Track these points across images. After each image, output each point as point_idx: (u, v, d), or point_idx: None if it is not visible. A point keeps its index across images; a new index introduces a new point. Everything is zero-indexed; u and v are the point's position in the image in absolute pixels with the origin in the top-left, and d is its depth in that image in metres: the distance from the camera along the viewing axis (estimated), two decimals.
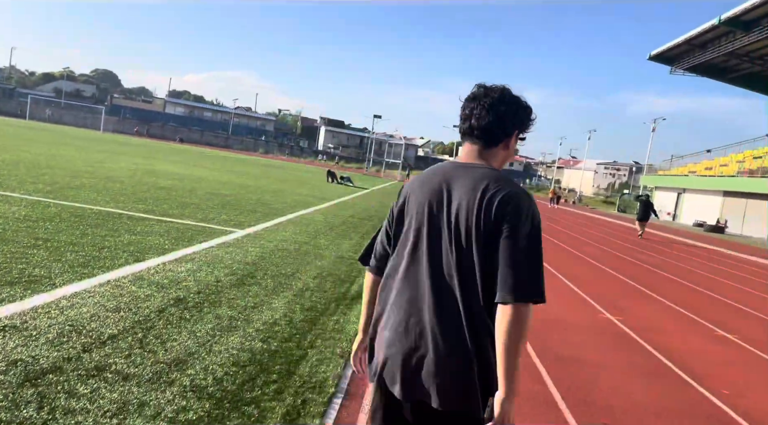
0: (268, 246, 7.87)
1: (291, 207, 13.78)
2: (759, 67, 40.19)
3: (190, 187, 14.87)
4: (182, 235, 7.66)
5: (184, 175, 19.02)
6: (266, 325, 4.43)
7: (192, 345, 3.77)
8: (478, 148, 1.78)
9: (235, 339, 4.01)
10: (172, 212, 9.64)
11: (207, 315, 4.46)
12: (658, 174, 52.66)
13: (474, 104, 1.77)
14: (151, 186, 13.41)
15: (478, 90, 1.80)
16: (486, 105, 1.75)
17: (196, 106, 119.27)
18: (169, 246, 6.79)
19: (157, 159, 27.08)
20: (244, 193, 15.72)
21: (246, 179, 21.95)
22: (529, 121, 1.82)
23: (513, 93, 1.80)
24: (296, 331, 4.40)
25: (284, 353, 3.90)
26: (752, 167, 37.62)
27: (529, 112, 1.82)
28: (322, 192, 21.34)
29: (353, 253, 8.47)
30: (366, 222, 12.92)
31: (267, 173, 30.10)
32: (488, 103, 1.75)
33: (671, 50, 42.11)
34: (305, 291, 5.70)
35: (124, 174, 15.58)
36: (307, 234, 9.61)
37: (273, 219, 10.96)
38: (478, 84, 1.82)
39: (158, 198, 11.31)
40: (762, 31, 32.13)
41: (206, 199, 12.45)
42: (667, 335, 6.37)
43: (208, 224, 9.00)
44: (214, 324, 4.27)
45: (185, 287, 5.13)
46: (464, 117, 1.80)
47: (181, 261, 6.12)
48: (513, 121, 1.79)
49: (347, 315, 5.07)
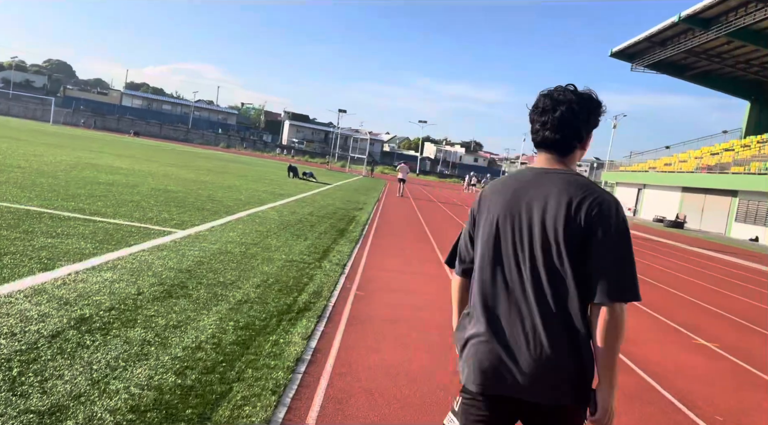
0: (210, 250, 7.05)
1: (244, 204, 12.90)
2: (717, 65, 41.03)
3: (134, 182, 13.79)
4: (110, 237, 6.77)
5: (131, 169, 17.83)
6: (187, 351, 3.66)
7: (82, 384, 2.98)
8: (556, 156, 1.80)
9: (142, 373, 3.23)
10: (105, 211, 8.68)
11: (114, 339, 3.66)
12: (619, 170, 53.44)
13: (546, 118, 1.77)
14: (88, 181, 12.31)
15: (545, 101, 1.78)
16: (558, 118, 1.75)
17: (155, 98, 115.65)
18: (90, 251, 5.91)
19: (104, 153, 25.61)
20: (195, 188, 14.72)
21: (200, 174, 20.85)
22: (600, 117, 1.83)
23: (582, 96, 1.78)
24: (223, 358, 3.64)
25: (202, 389, 3.14)
26: (710, 163, 38.37)
27: (600, 109, 1.81)
28: (281, 188, 20.44)
29: (306, 256, 7.73)
30: (325, 221, 12.17)
31: (225, 168, 28.92)
32: (560, 116, 1.75)
33: (632, 47, 42.62)
34: (243, 304, 4.94)
35: (61, 168, 14.37)
36: (257, 235, 8.80)
37: (221, 217, 10.09)
38: (544, 93, 1.80)
39: (93, 194, 10.29)
40: (720, 29, 32.63)
41: (149, 196, 11.46)
42: (643, 346, 5.86)
43: (145, 224, 8.10)
44: (120, 351, 3.48)
45: (95, 302, 4.30)
46: (536, 130, 1.81)
47: (100, 270, 5.27)
48: (586, 128, 1.80)
49: (289, 334, 4.33)
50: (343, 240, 9.82)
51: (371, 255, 8.89)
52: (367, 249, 9.44)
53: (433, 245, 11.27)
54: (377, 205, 19.40)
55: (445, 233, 13.85)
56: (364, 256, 8.64)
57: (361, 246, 9.61)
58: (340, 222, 12.46)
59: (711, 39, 34.74)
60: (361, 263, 8.04)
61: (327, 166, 66.64)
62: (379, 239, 10.90)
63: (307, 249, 8.28)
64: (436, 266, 8.81)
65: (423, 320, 5.51)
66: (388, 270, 7.86)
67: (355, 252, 8.89)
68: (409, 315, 5.64)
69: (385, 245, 10.24)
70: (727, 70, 41.84)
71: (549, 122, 1.76)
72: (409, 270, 8.20)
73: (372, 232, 11.75)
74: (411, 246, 10.69)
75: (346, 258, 8.08)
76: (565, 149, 1.78)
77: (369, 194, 25.20)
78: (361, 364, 4.01)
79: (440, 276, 7.97)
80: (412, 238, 11.96)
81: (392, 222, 14.81)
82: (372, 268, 7.79)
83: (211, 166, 29.21)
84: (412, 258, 9.32)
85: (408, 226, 14.34)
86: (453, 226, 16.13)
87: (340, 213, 14.25)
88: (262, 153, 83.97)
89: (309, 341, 4.27)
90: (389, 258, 8.87)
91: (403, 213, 18.24)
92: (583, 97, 1.77)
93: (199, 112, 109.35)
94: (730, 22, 31.97)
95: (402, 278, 7.54)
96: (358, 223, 12.77)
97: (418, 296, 6.57)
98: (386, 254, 9.24)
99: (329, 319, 4.98)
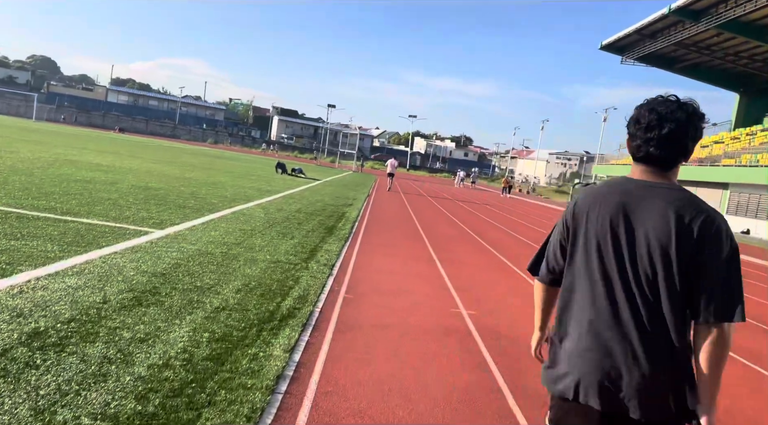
0: (188, 251, 6.61)
1: (229, 201, 12.43)
2: (706, 57, 40.96)
3: (114, 179, 13.26)
4: (81, 239, 6.31)
5: (112, 166, 17.26)
6: (152, 370, 3.24)
7: (23, 415, 2.56)
8: (658, 169, 1.76)
9: (97, 398, 2.82)
10: (79, 210, 8.19)
11: (69, 357, 3.23)
12: (610, 163, 53.37)
13: (652, 135, 1.72)
14: (64, 179, 11.77)
15: (650, 117, 1.73)
16: (665, 136, 1.71)
17: (141, 94, 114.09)
18: (55, 254, 5.46)
19: (87, 149, 24.95)
20: (178, 185, 14.21)
21: (185, 171, 20.30)
22: (703, 130, 1.78)
23: (688, 110, 1.72)
24: (194, 377, 3.23)
25: (166, 418, 2.73)
26: (701, 156, 38.33)
27: (703, 121, 1.77)
28: (269, 184, 19.94)
29: (293, 256, 7.32)
30: (313, 218, 11.74)
31: (211, 164, 28.34)
32: (667, 134, 1.71)
33: (622, 40, 42.42)
34: (221, 312, 4.52)
35: (38, 165, 13.80)
36: (241, 234, 8.36)
37: (204, 215, 9.64)
38: (647, 107, 1.75)
39: (68, 192, 9.78)
40: (710, 21, 32.48)
41: (128, 194, 10.96)
42: None
43: (120, 224, 7.63)
44: (74, 372, 3.06)
45: (53, 313, 3.87)
46: (638, 145, 1.76)
47: (64, 275, 4.82)
48: (693, 143, 1.76)
49: (270, 346, 3.92)
50: (331, 238, 9.40)
51: (361, 253, 8.49)
52: (357, 247, 9.03)
53: (425, 242, 10.89)
54: (367, 201, 18.99)
55: (438, 229, 13.47)
56: (353, 255, 8.24)
57: (350, 244, 9.21)
58: (329, 219, 12.04)
59: (701, 31, 34.58)
60: (350, 263, 7.64)
61: (316, 161, 66.04)
62: (370, 236, 10.50)
63: (293, 248, 7.86)
64: (429, 265, 8.43)
65: (416, 325, 5.12)
66: (378, 271, 7.47)
67: (345, 251, 8.48)
68: (402, 319, 5.25)
69: (375, 243, 9.84)
70: (716, 62, 41.75)
71: (655, 139, 1.71)
72: (401, 269, 7.81)
73: (362, 229, 11.35)
74: (402, 244, 10.30)
75: (334, 258, 7.67)
76: (667, 164, 1.75)
77: (359, 189, 24.77)
78: (350, 379, 3.61)
79: (433, 276, 7.59)
80: (403, 235, 11.56)
81: (383, 218, 14.41)
82: (362, 268, 7.39)
83: (197, 162, 28.61)
84: (404, 256, 8.93)
85: (399, 223, 13.94)
86: (445, 223, 15.75)
87: (329, 210, 13.82)
88: (251, 149, 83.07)
89: (292, 353, 3.86)
90: (380, 257, 8.48)
91: (394, 209, 17.84)
92: (689, 112, 1.72)
93: (186, 108, 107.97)
94: (720, 14, 31.80)
95: (394, 278, 7.14)
96: (348, 220, 12.36)
97: (411, 298, 6.18)
98: (377, 252, 8.85)
99: (315, 327, 4.57)
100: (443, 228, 14.01)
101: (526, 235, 15.33)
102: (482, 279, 7.93)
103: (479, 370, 4.16)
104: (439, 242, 11.10)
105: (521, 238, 14.46)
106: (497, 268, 9.10)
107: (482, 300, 6.59)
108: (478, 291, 7.09)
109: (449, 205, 23.22)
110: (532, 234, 16.01)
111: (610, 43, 43.55)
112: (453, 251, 10.23)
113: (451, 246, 10.80)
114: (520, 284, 7.96)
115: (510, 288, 7.57)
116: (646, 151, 1.74)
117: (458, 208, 22.55)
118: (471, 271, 8.40)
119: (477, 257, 9.98)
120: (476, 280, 7.75)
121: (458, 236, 12.79)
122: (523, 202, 39.56)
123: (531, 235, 15.48)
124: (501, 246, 12.01)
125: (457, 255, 9.87)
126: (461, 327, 5.29)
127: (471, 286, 7.27)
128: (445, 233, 12.91)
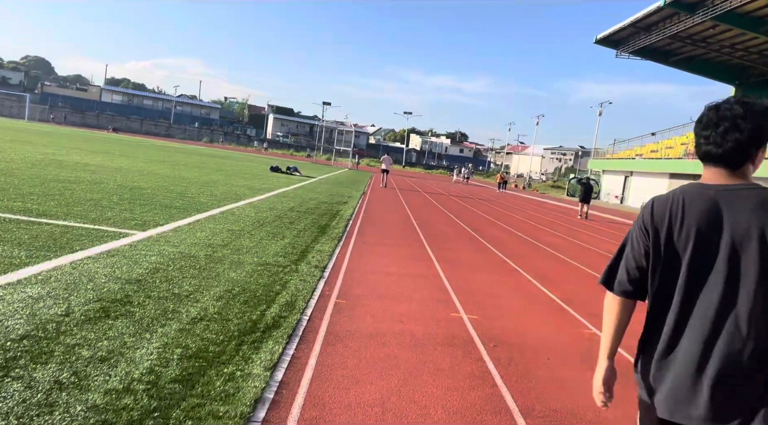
0: (169, 254, 6.18)
1: (219, 200, 11.99)
2: (701, 50, 40.63)
3: (100, 179, 12.80)
4: (53, 243, 5.87)
5: (101, 166, 16.78)
6: (110, 396, 2.82)
7: None
8: (726, 170, 1.71)
9: None
10: (56, 211, 7.75)
11: (13, 383, 2.81)
12: (605, 158, 53.05)
13: (708, 132, 1.71)
14: (46, 179, 11.31)
15: (710, 115, 1.71)
16: (720, 133, 1.67)
17: (136, 93, 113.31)
18: (22, 260, 5.02)
19: (77, 149, 24.44)
20: (167, 185, 13.76)
21: (176, 170, 19.83)
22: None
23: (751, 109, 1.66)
24: (158, 404, 2.81)
25: None
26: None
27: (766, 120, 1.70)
28: (262, 182, 19.49)
29: (282, 257, 6.90)
30: (306, 217, 11.31)
31: (204, 163, 27.86)
32: (722, 132, 1.67)
33: (617, 34, 42.02)
34: (198, 323, 4.09)
35: (20, 165, 13.32)
36: (229, 235, 7.94)
37: (191, 215, 9.20)
38: (710, 106, 1.72)
39: (48, 193, 9.33)
40: (707, 12, 32.12)
41: (112, 194, 10.51)
42: None
43: (99, 225, 7.20)
44: (15, 401, 2.64)
45: (4, 329, 3.44)
46: (699, 144, 1.75)
47: (26, 284, 4.39)
48: (756, 144, 1.68)
49: (250, 363, 3.50)
50: (324, 238, 8.98)
51: (355, 253, 8.07)
52: (351, 247, 8.61)
53: (422, 240, 10.47)
54: (362, 198, 18.56)
55: (435, 227, 13.05)
56: (347, 256, 7.82)
57: (344, 244, 8.79)
58: (323, 217, 11.61)
59: (696, 23, 34.19)
60: (343, 264, 7.22)
61: (311, 159, 65.52)
62: (364, 235, 10.08)
63: (283, 249, 7.44)
64: (427, 264, 8.01)
65: (413, 334, 4.71)
66: (373, 272, 7.05)
67: (338, 251, 8.07)
68: (398, 327, 4.84)
69: (370, 242, 9.42)
70: (711, 55, 41.41)
71: (711, 137, 1.70)
72: (397, 271, 7.39)
73: (356, 228, 10.92)
74: (399, 242, 9.87)
75: (326, 259, 7.25)
76: (731, 163, 1.69)
77: (354, 187, 24.33)
78: (338, 401, 3.19)
79: (431, 277, 7.17)
80: (399, 233, 11.14)
81: (378, 216, 13.98)
82: (355, 270, 6.98)
83: (190, 161, 28.12)
84: (400, 255, 8.51)
85: (395, 220, 13.51)
86: (442, 220, 15.34)
87: (323, 208, 13.39)
88: (246, 147, 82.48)
89: (274, 371, 3.44)
90: (375, 257, 8.06)
91: (390, 206, 17.41)
92: (752, 111, 1.66)
93: (181, 107, 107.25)
94: (717, 6, 31.41)
95: (389, 280, 6.73)
96: (342, 218, 11.94)
97: (408, 303, 5.76)
98: (372, 252, 8.43)
99: (302, 339, 4.15)
100: (440, 225, 13.60)
101: (525, 232, 14.93)
102: (482, 279, 7.52)
103: (484, 386, 3.75)
104: (436, 240, 10.68)
105: (520, 235, 14.05)
106: (497, 267, 8.69)
107: (483, 302, 6.18)
108: (479, 292, 6.68)
109: (445, 201, 22.81)
110: (532, 231, 15.62)
111: (605, 36, 43.16)
112: (451, 249, 9.82)
113: (448, 244, 10.38)
114: (522, 284, 7.56)
115: (511, 289, 7.16)
116: (704, 149, 1.71)
117: (454, 203, 22.13)
118: (470, 271, 7.99)
119: (475, 255, 9.57)
120: (476, 280, 7.34)
121: (456, 233, 12.37)
122: (519, 197, 39.16)
123: (531, 233, 15.08)
124: (500, 243, 11.61)
125: (456, 253, 9.46)
126: (462, 334, 4.87)
127: (471, 287, 6.86)
128: (442, 231, 12.50)
